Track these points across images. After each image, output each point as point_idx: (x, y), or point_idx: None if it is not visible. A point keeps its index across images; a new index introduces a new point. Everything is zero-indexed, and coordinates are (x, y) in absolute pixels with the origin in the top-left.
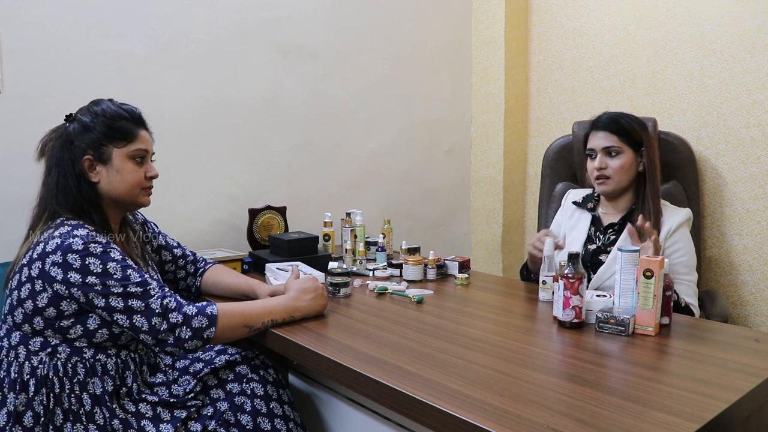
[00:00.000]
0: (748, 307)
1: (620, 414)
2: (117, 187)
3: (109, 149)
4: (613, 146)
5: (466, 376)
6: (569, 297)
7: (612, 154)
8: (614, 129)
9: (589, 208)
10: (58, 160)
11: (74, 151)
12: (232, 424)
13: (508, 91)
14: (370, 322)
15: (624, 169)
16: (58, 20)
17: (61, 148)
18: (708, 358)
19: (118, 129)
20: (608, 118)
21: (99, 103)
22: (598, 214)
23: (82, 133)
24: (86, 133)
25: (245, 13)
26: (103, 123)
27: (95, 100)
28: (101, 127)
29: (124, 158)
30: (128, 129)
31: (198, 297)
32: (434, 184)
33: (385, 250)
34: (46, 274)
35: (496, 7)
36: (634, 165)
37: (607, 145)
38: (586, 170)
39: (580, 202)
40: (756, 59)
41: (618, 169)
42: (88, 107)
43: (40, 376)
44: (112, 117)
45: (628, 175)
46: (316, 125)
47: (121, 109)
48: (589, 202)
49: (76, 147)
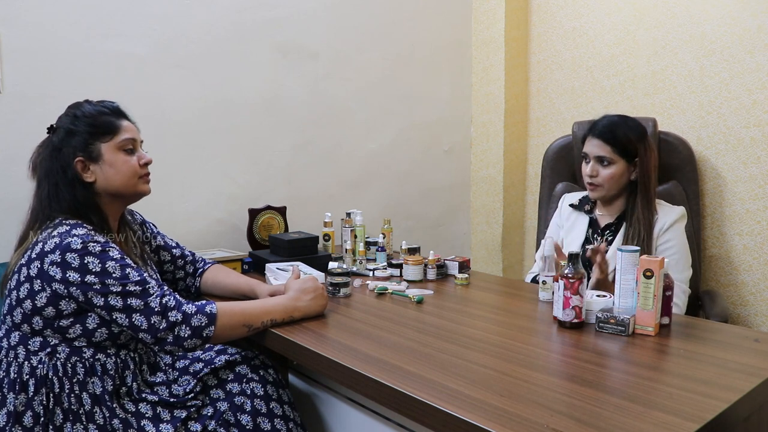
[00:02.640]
0: (748, 307)
1: (620, 414)
2: (114, 181)
3: (97, 146)
4: (605, 156)
5: (466, 376)
6: (569, 297)
7: (604, 163)
8: (609, 139)
9: (586, 210)
10: (48, 171)
11: (63, 158)
12: (232, 424)
13: (508, 91)
14: (370, 322)
15: (614, 179)
16: (58, 20)
17: (49, 158)
18: (708, 358)
19: (100, 125)
20: (605, 126)
21: (77, 107)
22: (596, 216)
23: (66, 138)
24: (71, 137)
25: (245, 13)
26: (86, 123)
27: (72, 104)
28: (84, 127)
29: (113, 151)
30: (110, 122)
31: (197, 297)
32: (434, 184)
33: (385, 250)
34: (44, 273)
35: (496, 7)
36: (625, 175)
37: (599, 155)
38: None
39: (576, 204)
40: (756, 59)
41: (608, 179)
42: (67, 113)
43: (40, 376)
44: (93, 115)
45: (618, 184)
46: (316, 125)
47: (99, 106)
48: (586, 204)
49: (63, 153)
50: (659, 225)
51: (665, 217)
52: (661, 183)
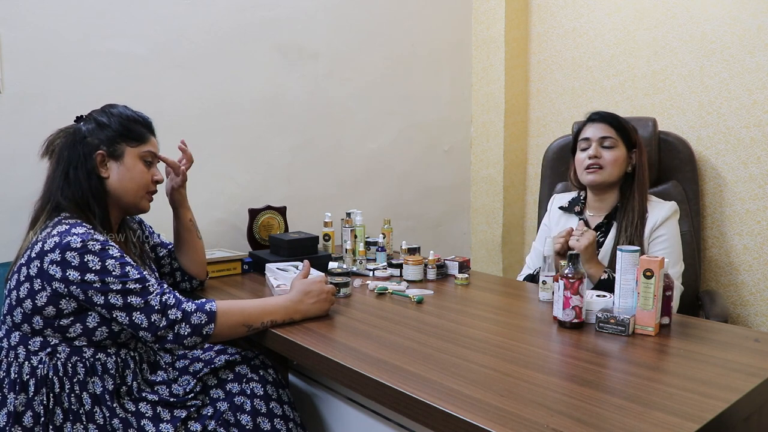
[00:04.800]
0: (748, 307)
1: (620, 414)
2: (125, 186)
3: (122, 147)
4: (609, 137)
5: (466, 376)
6: (569, 297)
7: (607, 144)
8: (612, 122)
9: (576, 212)
10: (69, 155)
11: (87, 147)
12: (231, 424)
13: (508, 91)
14: (370, 322)
15: (617, 163)
16: (58, 20)
17: (72, 144)
18: (708, 358)
19: (132, 130)
20: (606, 113)
21: (115, 107)
22: (585, 217)
23: (96, 130)
24: (101, 130)
25: (245, 13)
26: (119, 122)
27: (110, 104)
28: (117, 126)
29: (135, 158)
30: (141, 132)
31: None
32: (434, 184)
33: (385, 250)
34: (44, 272)
35: (496, 7)
36: (625, 162)
37: (604, 135)
38: (573, 166)
39: (566, 207)
40: (756, 59)
41: (612, 161)
42: (103, 109)
43: (40, 375)
44: (128, 119)
45: (620, 170)
46: (316, 125)
47: (135, 114)
48: (576, 206)
49: (88, 143)
50: (652, 220)
51: (658, 212)
52: (661, 183)
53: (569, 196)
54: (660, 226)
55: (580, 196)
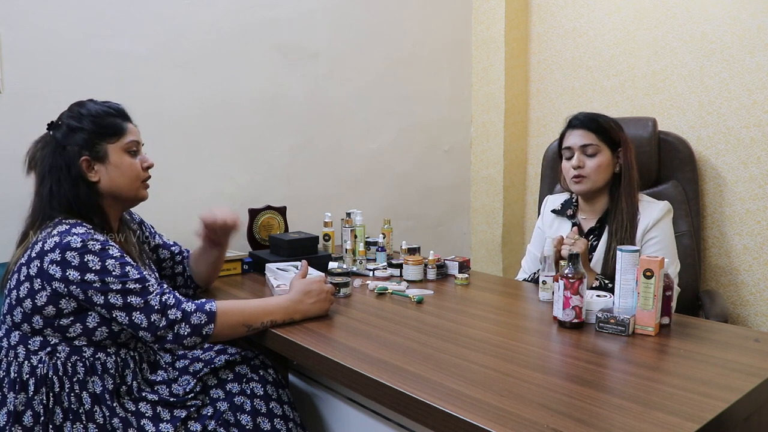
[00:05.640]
0: (748, 307)
1: (620, 414)
2: (119, 183)
3: (104, 146)
4: (591, 144)
5: (466, 376)
6: (569, 297)
7: (589, 152)
8: (592, 127)
9: (568, 215)
10: (51, 167)
11: (67, 156)
12: (231, 423)
13: (508, 91)
14: (370, 322)
15: (601, 169)
16: (58, 20)
17: (52, 155)
18: (708, 358)
19: (107, 125)
20: (585, 117)
21: (81, 105)
22: (578, 221)
23: (70, 135)
24: (75, 134)
25: (245, 13)
26: (91, 122)
27: (76, 102)
28: (90, 126)
29: (119, 152)
30: (117, 124)
31: (195, 292)
32: (434, 184)
33: (385, 250)
34: (44, 272)
35: (496, 7)
36: (611, 165)
37: (585, 143)
38: (561, 171)
39: (559, 210)
40: (756, 59)
41: (596, 169)
42: (70, 110)
43: (40, 375)
44: (99, 115)
45: (605, 175)
46: (316, 125)
47: (105, 107)
48: (569, 209)
49: (68, 151)
50: (644, 222)
51: (650, 213)
52: (661, 183)
53: (562, 198)
54: (652, 227)
55: (572, 198)
